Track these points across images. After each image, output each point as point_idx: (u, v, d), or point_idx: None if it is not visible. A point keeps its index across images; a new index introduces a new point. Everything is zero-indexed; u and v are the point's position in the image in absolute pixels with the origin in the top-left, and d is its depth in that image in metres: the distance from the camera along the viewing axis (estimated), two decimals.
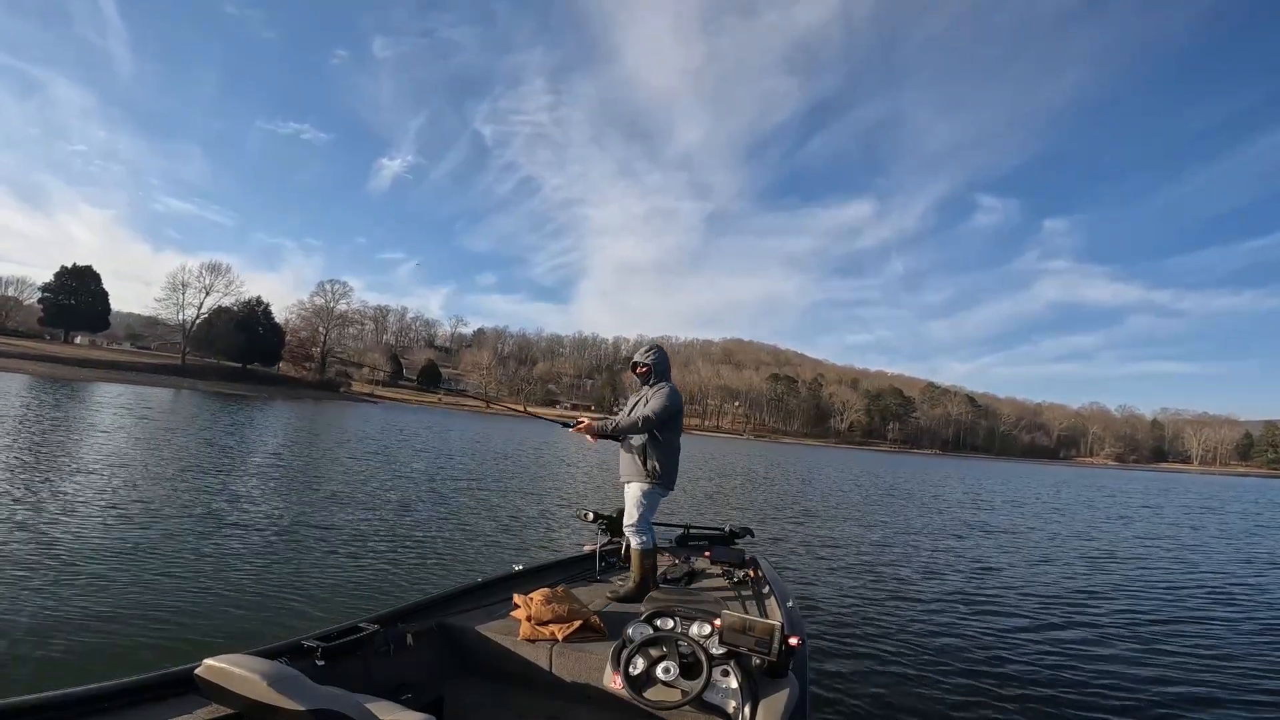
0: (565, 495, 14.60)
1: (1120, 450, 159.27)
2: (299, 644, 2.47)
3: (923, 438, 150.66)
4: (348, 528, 8.65)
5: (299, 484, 12.12)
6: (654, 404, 3.90)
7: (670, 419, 3.92)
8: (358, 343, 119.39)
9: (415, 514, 10.20)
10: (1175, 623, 7.35)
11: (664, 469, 3.90)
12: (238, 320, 79.03)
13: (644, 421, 3.84)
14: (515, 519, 10.78)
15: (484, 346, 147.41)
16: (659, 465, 3.88)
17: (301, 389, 79.17)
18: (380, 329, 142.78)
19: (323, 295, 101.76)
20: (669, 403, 3.90)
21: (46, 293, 77.72)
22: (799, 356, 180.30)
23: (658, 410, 3.86)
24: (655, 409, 3.86)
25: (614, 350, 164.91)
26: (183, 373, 68.26)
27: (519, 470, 18.42)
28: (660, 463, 3.88)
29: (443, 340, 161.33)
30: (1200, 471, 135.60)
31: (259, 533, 7.86)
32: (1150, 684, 5.29)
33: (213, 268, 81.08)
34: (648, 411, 3.86)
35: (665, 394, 3.93)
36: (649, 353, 4.11)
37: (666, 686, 2.57)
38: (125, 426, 19.06)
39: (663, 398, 3.91)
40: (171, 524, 7.79)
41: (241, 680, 1.72)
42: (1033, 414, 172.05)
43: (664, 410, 3.87)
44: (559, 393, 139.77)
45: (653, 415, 3.84)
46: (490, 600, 3.42)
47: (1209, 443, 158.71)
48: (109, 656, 4.13)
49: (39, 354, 58.33)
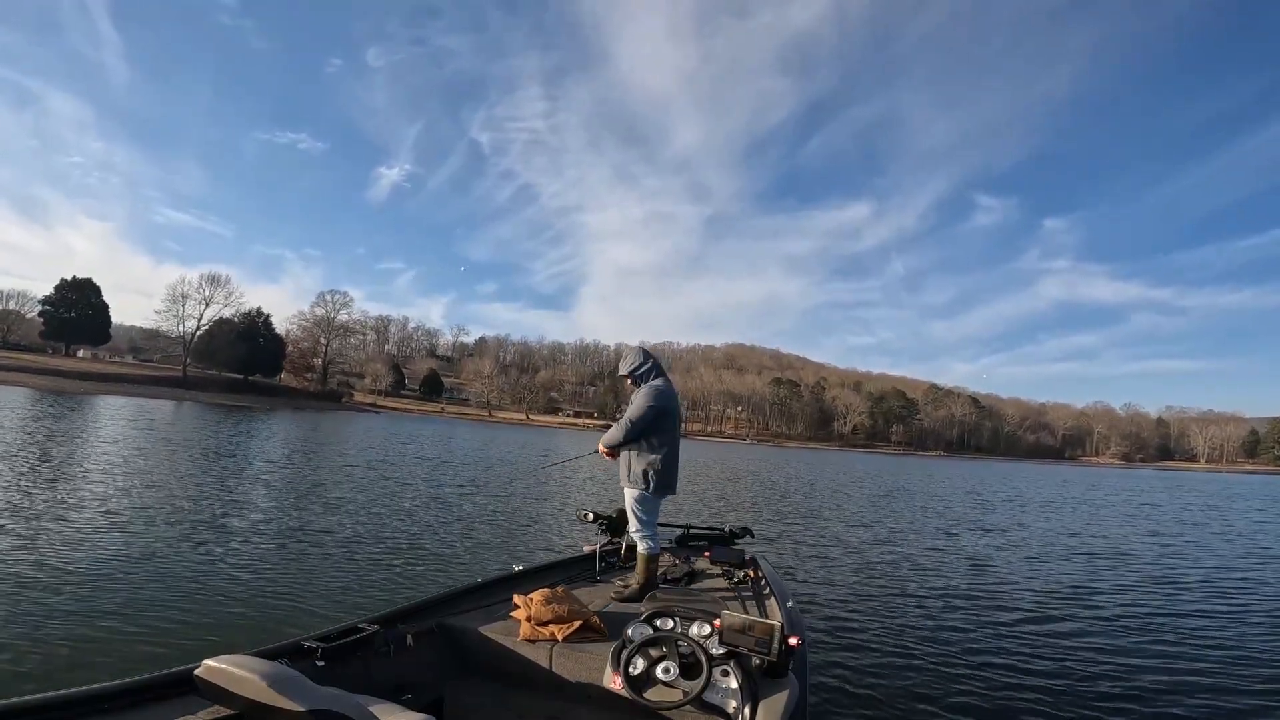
0: (565, 496, 14.60)
1: (1126, 449, 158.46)
2: (299, 644, 2.47)
3: (927, 439, 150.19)
4: (348, 530, 8.67)
5: (299, 490, 12.15)
6: (634, 406, 3.82)
7: (656, 419, 3.80)
8: (359, 353, 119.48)
9: (416, 517, 10.21)
10: (1174, 623, 7.28)
11: (656, 473, 3.80)
12: (239, 332, 79.16)
13: (628, 426, 3.76)
14: (515, 520, 10.80)
15: (486, 355, 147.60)
16: (650, 469, 3.80)
17: (303, 400, 79.29)
18: (382, 339, 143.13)
19: (323, 306, 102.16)
20: (651, 402, 3.77)
21: (46, 306, 77.62)
22: (801, 360, 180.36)
23: (638, 412, 3.76)
24: (634, 411, 3.78)
25: (616, 357, 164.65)
26: (184, 385, 68.41)
27: (520, 474, 18.41)
28: (651, 466, 3.80)
29: (444, 350, 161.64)
30: (1207, 469, 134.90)
31: (259, 535, 7.89)
32: (1150, 683, 5.25)
33: (212, 279, 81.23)
34: (630, 414, 3.78)
35: (645, 393, 3.82)
36: (627, 362, 4.00)
37: (666, 686, 2.57)
38: (125, 438, 19.10)
39: (642, 398, 3.81)
40: (171, 528, 7.82)
41: (241, 681, 1.72)
42: (1037, 414, 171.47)
43: (645, 410, 3.76)
44: (561, 400, 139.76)
45: (634, 418, 3.76)
46: (490, 600, 3.42)
47: (1215, 440, 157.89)
48: (109, 657, 4.14)
49: (39, 367, 58.42)
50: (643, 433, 3.81)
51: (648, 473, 3.81)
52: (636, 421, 3.77)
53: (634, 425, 3.77)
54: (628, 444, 3.87)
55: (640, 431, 3.80)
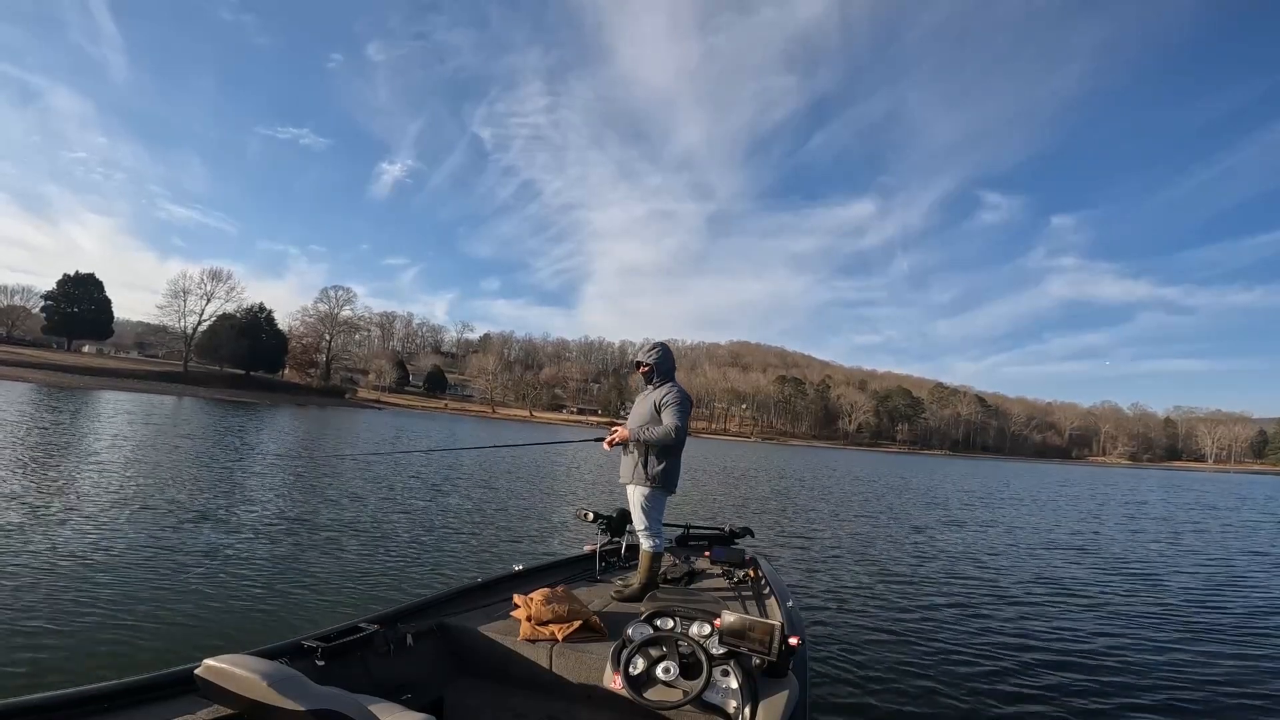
0: (565, 495, 14.61)
1: (1133, 449, 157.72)
2: (299, 644, 2.48)
3: (932, 438, 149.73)
4: (348, 529, 8.69)
5: (299, 486, 12.19)
6: (676, 411, 3.80)
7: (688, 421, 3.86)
8: (363, 349, 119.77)
9: (417, 515, 10.22)
10: (1175, 621, 7.26)
11: (665, 472, 3.85)
12: (240, 327, 79.18)
13: (676, 431, 3.76)
14: (516, 519, 10.81)
15: (490, 352, 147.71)
16: (661, 468, 3.84)
17: (306, 395, 79.08)
18: (387, 335, 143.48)
19: (326, 301, 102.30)
20: (686, 407, 3.84)
21: (49, 301, 77.59)
22: (806, 358, 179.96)
23: (682, 417, 3.78)
24: (679, 416, 3.77)
25: (620, 354, 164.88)
26: (185, 380, 68.29)
27: (521, 471, 18.43)
28: (662, 465, 3.84)
29: (449, 346, 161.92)
30: (1215, 470, 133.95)
31: (259, 534, 7.92)
32: (1150, 682, 5.23)
33: (214, 274, 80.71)
34: (677, 420, 3.76)
35: (679, 397, 3.85)
36: (651, 351, 4.03)
37: (667, 686, 2.57)
38: (124, 433, 19.18)
39: (679, 401, 3.83)
40: (170, 526, 7.85)
41: (241, 680, 1.72)
42: (1044, 413, 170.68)
43: (685, 415, 3.81)
44: (565, 398, 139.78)
45: (680, 423, 3.76)
46: (490, 600, 3.42)
47: (1223, 440, 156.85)
48: (109, 656, 4.15)
49: (40, 362, 58.24)
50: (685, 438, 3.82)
51: (661, 471, 3.83)
52: (683, 427, 3.78)
53: (680, 431, 3.77)
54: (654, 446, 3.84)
55: (683, 436, 3.80)
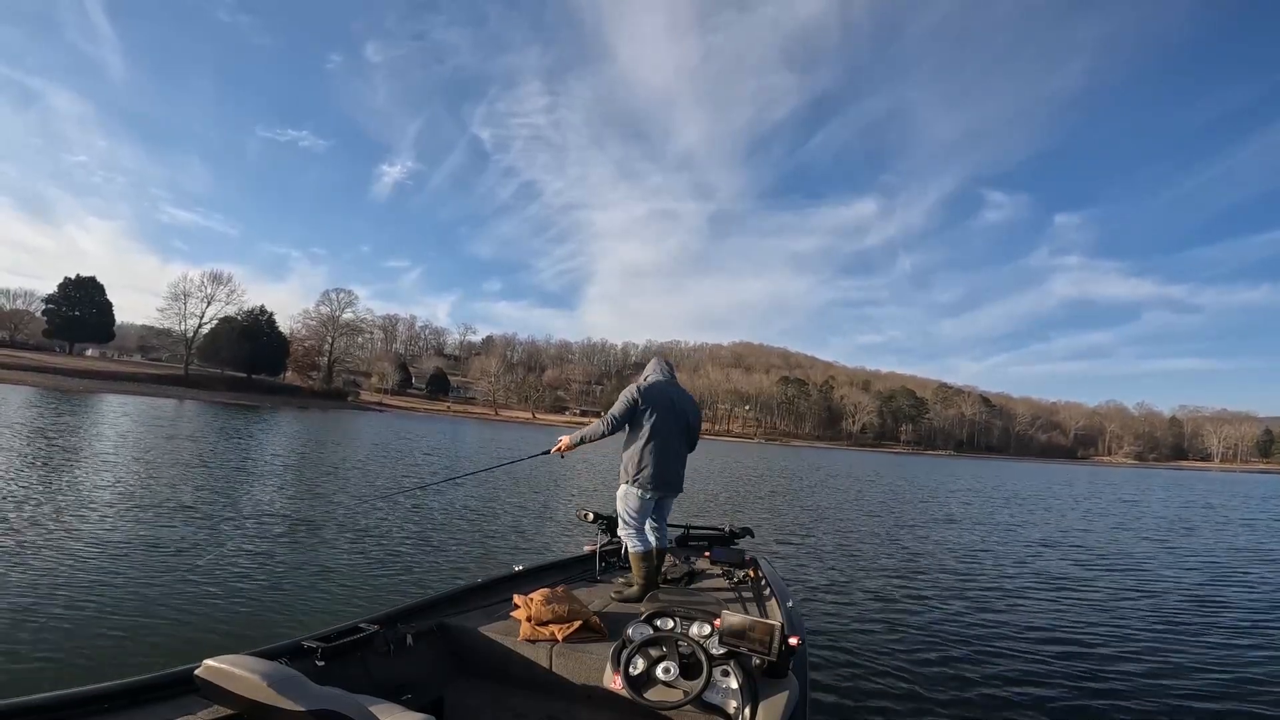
0: (565, 496, 14.62)
1: (1139, 448, 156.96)
2: (299, 644, 2.48)
3: (936, 438, 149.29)
4: (348, 529, 8.71)
5: (300, 487, 12.23)
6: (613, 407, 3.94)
7: (624, 411, 3.84)
8: (365, 351, 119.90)
9: (417, 515, 10.24)
10: (1175, 621, 7.23)
11: (633, 465, 3.82)
12: (242, 330, 79.18)
13: (606, 422, 3.85)
14: (516, 519, 10.82)
15: (493, 354, 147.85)
16: (628, 462, 3.84)
17: (307, 398, 79.12)
18: (390, 338, 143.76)
19: (328, 304, 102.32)
20: (624, 399, 3.88)
21: (51, 304, 77.42)
22: (809, 359, 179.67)
23: (614, 409, 3.88)
24: (612, 409, 3.90)
25: (623, 356, 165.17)
26: (186, 383, 68.21)
27: (521, 472, 18.43)
28: (627, 459, 3.85)
29: (452, 348, 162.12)
30: (1221, 469, 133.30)
31: (259, 534, 7.94)
32: (1151, 682, 5.21)
33: (214, 277, 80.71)
34: (609, 413, 3.89)
35: (622, 394, 3.94)
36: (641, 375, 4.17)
37: (667, 686, 2.57)
38: (124, 436, 19.23)
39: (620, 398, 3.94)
40: (171, 527, 7.87)
41: (241, 681, 1.72)
42: (1048, 413, 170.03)
43: (621, 406, 3.86)
44: (568, 399, 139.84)
45: (615, 413, 3.85)
46: (490, 600, 3.42)
47: (1229, 440, 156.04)
48: (109, 656, 4.17)
49: (41, 366, 58.21)
50: (617, 426, 3.85)
51: (627, 466, 3.84)
52: (617, 417, 3.84)
53: (611, 420, 3.84)
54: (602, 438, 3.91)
55: (614, 425, 3.84)
